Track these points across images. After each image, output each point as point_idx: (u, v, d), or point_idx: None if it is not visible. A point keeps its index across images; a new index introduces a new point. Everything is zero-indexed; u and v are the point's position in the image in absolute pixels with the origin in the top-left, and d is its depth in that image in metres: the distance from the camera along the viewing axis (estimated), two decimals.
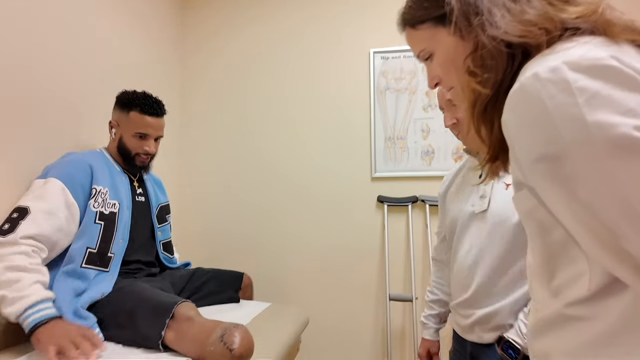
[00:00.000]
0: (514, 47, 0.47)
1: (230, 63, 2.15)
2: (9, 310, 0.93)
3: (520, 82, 0.43)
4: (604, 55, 0.39)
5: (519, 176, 0.48)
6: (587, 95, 0.38)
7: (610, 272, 0.42)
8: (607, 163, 0.37)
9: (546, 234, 0.48)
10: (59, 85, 1.33)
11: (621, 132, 0.37)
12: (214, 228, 2.08)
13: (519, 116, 0.43)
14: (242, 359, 0.88)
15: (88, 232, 1.13)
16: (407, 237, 1.90)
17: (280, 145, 2.07)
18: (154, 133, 1.31)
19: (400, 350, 1.84)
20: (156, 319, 0.98)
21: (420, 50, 0.59)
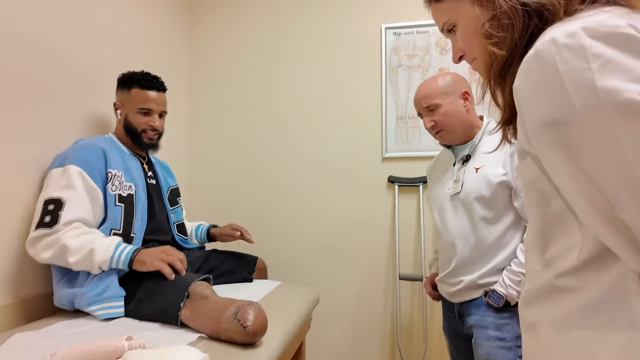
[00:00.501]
0: (530, 9, 0.48)
1: (239, 42, 2.11)
2: (101, 257, 1.05)
3: (535, 47, 0.43)
4: (622, 24, 0.40)
5: (524, 144, 0.48)
6: (601, 61, 0.39)
7: (600, 244, 0.43)
8: (612, 128, 0.38)
9: (545, 204, 0.49)
10: (66, 69, 1.32)
11: (628, 97, 0.37)
12: (224, 209, 2.09)
13: (531, 81, 0.44)
14: (255, 335, 0.89)
15: (111, 214, 1.17)
16: (417, 217, 1.89)
17: (290, 125, 2.05)
18: (156, 108, 1.32)
19: (409, 329, 1.87)
20: (174, 295, 1.01)
21: (445, 22, 0.61)
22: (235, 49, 2.12)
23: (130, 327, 1.02)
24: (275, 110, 2.07)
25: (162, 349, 0.77)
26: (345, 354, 1.93)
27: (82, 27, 1.38)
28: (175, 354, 0.74)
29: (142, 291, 1.08)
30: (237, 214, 2.07)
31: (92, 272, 1.08)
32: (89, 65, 1.42)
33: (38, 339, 0.91)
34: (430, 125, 1.15)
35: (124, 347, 0.81)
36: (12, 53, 1.12)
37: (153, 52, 1.82)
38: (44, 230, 1.06)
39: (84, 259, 1.05)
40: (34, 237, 1.07)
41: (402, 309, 1.87)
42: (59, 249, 1.05)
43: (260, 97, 2.08)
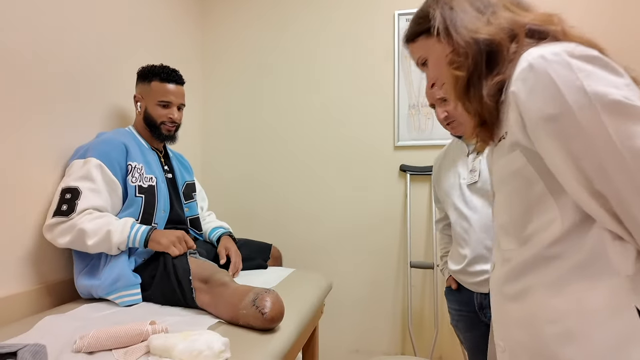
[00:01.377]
0: (480, 43, 0.62)
1: (250, 31, 2.11)
2: (118, 237, 1.10)
3: (528, 62, 0.56)
4: (592, 50, 0.55)
5: (519, 137, 0.59)
6: (585, 73, 0.52)
7: (578, 214, 0.56)
8: (603, 122, 0.51)
9: (529, 188, 0.61)
10: (86, 63, 1.34)
11: (614, 98, 0.51)
12: (239, 198, 2.12)
13: (529, 86, 0.55)
14: (273, 321, 0.92)
15: (131, 205, 1.21)
16: (429, 206, 1.90)
17: (302, 115, 2.05)
18: (175, 100, 1.35)
19: (420, 316, 1.90)
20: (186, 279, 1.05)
21: (419, 57, 0.75)
22: (247, 38, 2.12)
23: (151, 312, 1.06)
24: (288, 99, 2.07)
25: (185, 332, 0.81)
26: (357, 339, 1.97)
27: (100, 21, 1.40)
28: (198, 337, 0.77)
29: (158, 277, 1.12)
30: (251, 203, 2.10)
31: (110, 252, 1.12)
32: (107, 59, 1.43)
33: (66, 322, 0.96)
34: (443, 117, 1.14)
35: (147, 331, 0.84)
36: (33, 46, 1.14)
37: (167, 43, 1.83)
38: (60, 218, 1.10)
39: (102, 240, 1.10)
40: (50, 224, 1.12)
41: (414, 296, 1.90)
42: (76, 234, 1.09)
43: (273, 85, 2.09)
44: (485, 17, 0.63)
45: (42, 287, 1.16)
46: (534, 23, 0.61)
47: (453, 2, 0.67)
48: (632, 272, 0.54)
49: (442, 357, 1.87)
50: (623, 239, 0.54)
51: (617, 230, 0.54)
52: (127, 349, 0.81)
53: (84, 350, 0.80)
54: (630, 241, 0.54)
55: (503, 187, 0.66)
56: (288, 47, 2.07)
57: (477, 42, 0.61)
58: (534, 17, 0.62)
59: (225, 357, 0.78)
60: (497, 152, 0.67)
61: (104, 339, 0.81)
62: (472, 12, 0.65)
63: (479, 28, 0.62)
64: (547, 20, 0.61)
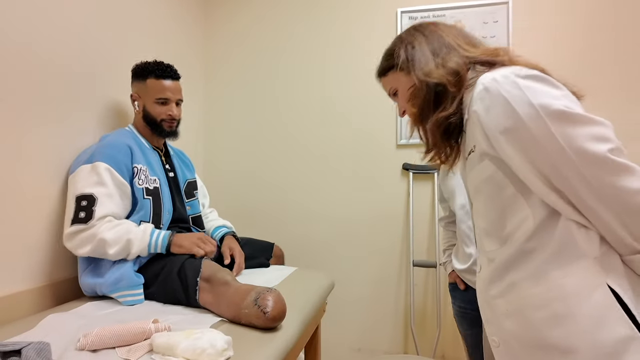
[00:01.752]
0: (430, 86, 0.74)
1: (253, 28, 2.11)
2: (138, 245, 1.12)
3: (483, 84, 0.66)
4: (533, 70, 0.66)
5: (485, 148, 0.68)
6: (530, 90, 0.63)
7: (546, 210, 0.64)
8: (550, 129, 0.60)
9: (501, 192, 0.69)
10: (82, 63, 1.34)
11: (557, 107, 0.61)
12: (241, 197, 2.13)
13: (486, 105, 0.66)
14: (275, 321, 0.92)
15: (141, 207, 1.22)
16: (432, 205, 1.90)
17: (304, 113, 2.05)
18: (173, 97, 1.34)
19: (422, 314, 1.90)
20: (193, 280, 1.05)
21: (390, 89, 0.86)
22: (249, 37, 2.12)
23: (154, 310, 1.06)
24: (290, 97, 2.07)
25: (187, 331, 0.81)
26: (359, 338, 1.97)
27: (100, 21, 1.40)
28: (201, 336, 0.77)
29: (162, 275, 1.12)
30: (253, 202, 2.11)
31: (130, 259, 1.14)
32: (107, 58, 1.44)
33: (70, 320, 0.96)
34: None
35: (150, 329, 0.85)
36: (33, 45, 1.15)
37: (168, 41, 1.83)
38: (79, 226, 1.11)
39: (122, 249, 1.11)
40: (70, 233, 1.12)
41: (416, 295, 1.90)
42: (97, 243, 1.10)
43: (274, 84, 2.09)
44: (438, 58, 0.75)
45: (45, 285, 1.17)
46: (483, 57, 0.73)
47: (414, 42, 0.79)
48: (598, 254, 0.62)
49: (444, 356, 1.87)
50: (587, 227, 0.63)
51: (580, 220, 0.62)
52: (130, 347, 0.82)
53: (88, 348, 0.80)
54: (592, 228, 0.62)
55: (478, 195, 0.75)
56: (290, 46, 2.06)
57: (428, 85, 0.74)
58: (482, 52, 0.74)
59: (228, 355, 0.78)
60: (469, 164, 0.75)
61: (108, 337, 0.82)
62: (428, 54, 0.76)
63: (431, 72, 0.74)
64: (494, 53, 0.73)
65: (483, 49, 0.75)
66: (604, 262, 0.61)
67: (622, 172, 0.58)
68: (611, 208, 0.59)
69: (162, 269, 1.13)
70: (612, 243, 0.62)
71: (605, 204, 0.59)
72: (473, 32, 0.82)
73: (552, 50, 1.78)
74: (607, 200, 0.59)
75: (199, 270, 1.06)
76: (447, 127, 0.73)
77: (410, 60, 0.78)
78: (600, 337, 0.59)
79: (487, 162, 0.69)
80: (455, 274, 1.29)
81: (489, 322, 0.76)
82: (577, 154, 0.59)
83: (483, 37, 1.83)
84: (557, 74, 0.69)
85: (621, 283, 0.60)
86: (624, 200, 0.58)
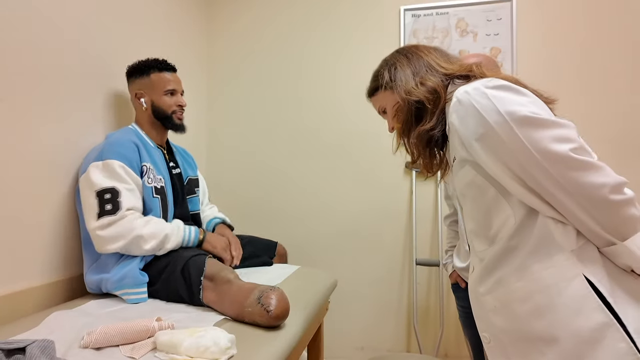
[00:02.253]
0: (411, 104, 0.81)
1: (256, 27, 2.10)
2: (175, 240, 1.17)
3: (457, 97, 0.73)
4: (501, 80, 0.71)
5: (464, 155, 0.74)
6: (497, 98, 0.68)
7: (525, 208, 0.69)
8: (517, 134, 0.65)
9: (483, 194, 0.74)
10: (84, 62, 1.35)
11: (522, 114, 0.66)
12: (242, 194, 2.13)
13: (460, 116, 0.72)
14: (278, 319, 0.92)
15: (152, 206, 1.22)
16: (434, 203, 1.89)
17: (308, 110, 2.05)
18: (178, 87, 1.38)
19: (425, 313, 1.89)
20: (197, 278, 1.06)
21: (379, 107, 0.94)
22: (252, 35, 2.11)
23: (158, 308, 1.06)
24: (291, 95, 2.06)
25: (191, 329, 0.81)
26: (362, 336, 1.97)
27: (99, 19, 1.40)
28: (204, 334, 0.77)
29: (166, 273, 1.13)
30: (256, 201, 2.11)
31: (158, 254, 1.16)
32: (107, 58, 1.44)
33: (74, 317, 0.96)
34: None
35: (154, 327, 0.85)
36: (28, 49, 1.15)
37: (170, 39, 1.83)
38: (110, 217, 1.10)
39: (158, 244, 1.14)
40: (101, 225, 1.10)
41: (419, 294, 1.89)
42: (132, 240, 1.10)
43: (277, 81, 2.08)
44: (418, 78, 0.82)
45: (50, 283, 1.17)
46: (460, 71, 0.80)
47: (397, 63, 0.87)
48: (575, 247, 0.66)
49: (447, 354, 1.87)
50: (563, 222, 0.67)
51: (556, 216, 0.67)
52: (134, 344, 0.82)
53: (92, 345, 0.80)
54: (569, 223, 0.67)
55: (464, 199, 0.79)
56: (293, 44, 2.06)
57: (409, 102, 0.81)
58: (458, 68, 0.81)
59: (231, 353, 0.78)
60: (454, 170, 0.80)
61: (112, 334, 0.82)
62: (409, 74, 0.83)
63: (411, 91, 0.81)
64: (468, 69, 0.80)
65: (459, 65, 0.82)
66: (581, 254, 0.66)
67: (585, 168, 0.62)
68: (579, 203, 0.63)
69: (165, 268, 1.13)
70: (587, 236, 0.66)
71: (573, 200, 0.63)
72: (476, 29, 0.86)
73: (556, 48, 1.77)
74: (575, 196, 0.63)
75: (202, 269, 1.06)
76: (429, 139, 0.80)
77: (393, 80, 0.86)
78: (579, 325, 0.63)
79: (468, 168, 0.74)
80: (456, 274, 1.29)
81: (479, 319, 0.80)
82: (542, 155, 0.63)
83: (487, 34, 1.82)
84: (530, 82, 0.77)
85: (596, 273, 0.64)
86: (590, 194, 0.62)
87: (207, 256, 1.12)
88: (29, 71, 1.12)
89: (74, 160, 1.26)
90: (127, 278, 1.10)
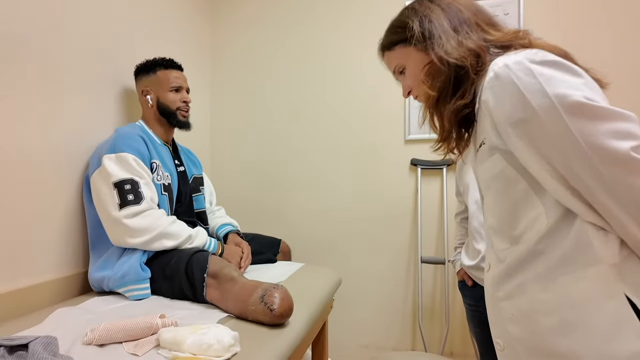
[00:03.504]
0: (451, 67, 0.66)
1: (260, 19, 2.09)
2: (198, 242, 1.20)
3: (494, 71, 0.60)
4: (551, 54, 0.59)
5: (495, 141, 0.63)
6: (545, 77, 0.56)
7: (561, 209, 0.59)
8: (566, 122, 0.54)
9: (512, 188, 0.64)
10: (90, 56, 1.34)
11: (575, 99, 0.54)
12: (247, 192, 2.12)
13: (497, 94, 0.60)
14: (282, 317, 0.91)
15: (160, 203, 1.23)
16: (440, 201, 1.87)
17: (311, 108, 2.03)
18: (184, 84, 1.40)
19: (431, 313, 1.88)
20: (200, 275, 1.05)
21: (396, 65, 0.77)
22: (256, 33, 2.10)
23: (161, 305, 1.06)
24: (297, 93, 2.05)
25: (194, 326, 0.80)
26: (367, 335, 1.96)
27: (105, 15, 1.40)
28: (207, 331, 0.76)
29: (169, 270, 1.12)
30: (260, 198, 2.10)
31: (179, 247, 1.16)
32: (112, 50, 1.43)
33: (78, 314, 0.96)
34: None
35: (157, 324, 0.84)
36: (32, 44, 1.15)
37: (175, 39, 1.82)
38: (135, 207, 1.10)
39: (181, 243, 1.16)
40: (127, 214, 1.09)
41: (424, 292, 1.88)
42: (157, 235, 1.11)
43: (281, 79, 2.07)
44: (459, 36, 0.68)
45: (53, 280, 1.17)
46: (503, 40, 0.67)
47: (432, 15, 0.70)
48: (617, 260, 0.56)
49: (453, 353, 1.85)
50: (606, 230, 0.56)
51: (597, 222, 0.56)
52: (137, 341, 0.82)
53: (95, 342, 0.80)
54: (612, 231, 0.56)
55: (489, 190, 0.70)
56: (296, 41, 2.04)
57: (449, 65, 0.66)
58: (503, 34, 0.67)
59: (235, 351, 0.77)
60: (480, 157, 0.69)
61: (115, 331, 0.82)
62: (449, 30, 0.68)
63: (451, 50, 0.67)
64: (514, 36, 0.67)
65: (504, 32, 0.68)
66: (624, 269, 0.55)
67: None
68: (632, 214, 0.53)
69: (168, 265, 1.13)
70: (633, 248, 0.56)
71: (626, 210, 0.53)
72: None
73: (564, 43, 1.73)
74: (629, 206, 0.53)
75: (205, 266, 1.05)
76: (464, 117, 0.67)
77: (427, 36, 0.69)
78: (612, 350, 0.54)
79: (498, 157, 0.64)
80: (463, 271, 1.27)
81: (494, 324, 0.73)
82: (596, 152, 0.52)
83: None
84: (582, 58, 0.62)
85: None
86: None
87: (210, 253, 1.11)
88: (33, 67, 1.12)
89: (80, 158, 1.26)
90: (129, 275, 1.10)
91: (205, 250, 1.14)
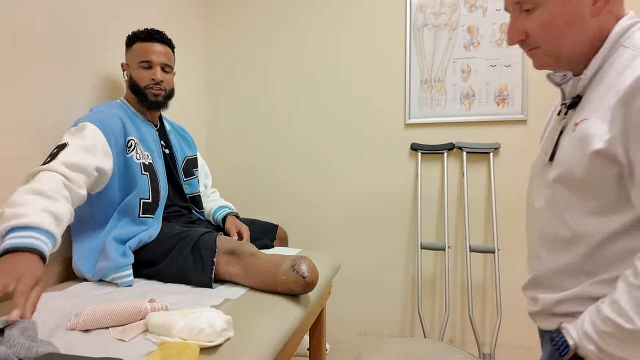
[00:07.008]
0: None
1: (256, 11, 2.01)
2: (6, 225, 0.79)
3: None
4: None
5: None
6: None
7: None
8: None
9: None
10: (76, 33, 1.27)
11: None
12: (244, 177, 2.07)
13: None
14: (312, 285, 0.97)
15: (139, 184, 1.14)
16: (441, 186, 1.83)
17: (310, 91, 1.97)
18: (157, 59, 1.23)
19: (430, 299, 1.85)
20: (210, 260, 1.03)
21: None
22: (253, 18, 2.03)
23: (153, 290, 1.01)
24: (294, 77, 1.99)
25: (185, 310, 0.76)
26: (365, 321, 1.93)
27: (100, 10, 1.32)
28: (199, 315, 0.72)
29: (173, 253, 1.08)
30: (257, 183, 2.05)
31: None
32: (100, 30, 1.36)
33: (63, 299, 0.91)
34: (519, 40, 0.69)
35: (146, 309, 0.80)
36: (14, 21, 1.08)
37: (169, 19, 1.75)
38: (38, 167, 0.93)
39: None
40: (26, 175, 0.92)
41: (424, 277, 1.85)
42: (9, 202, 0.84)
43: (279, 62, 2.00)
44: None
45: None
46: None
47: None
48: None
49: (452, 339, 1.83)
50: None
51: None
52: (124, 327, 0.77)
53: (79, 327, 0.75)
54: None
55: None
56: (293, 24, 1.97)
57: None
58: None
59: (228, 336, 0.73)
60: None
61: (101, 316, 0.77)
62: None
63: None
64: None
65: None
66: None
67: None
68: None
69: (173, 247, 1.09)
70: None
71: None
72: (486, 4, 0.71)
73: None
74: None
75: (214, 249, 1.04)
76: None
77: None
78: None
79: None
80: None
81: None
82: None
83: (497, 10, 1.72)
84: None
85: None
86: None
87: (218, 233, 1.10)
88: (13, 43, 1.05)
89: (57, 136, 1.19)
90: (107, 264, 1.05)
91: (213, 231, 1.11)
